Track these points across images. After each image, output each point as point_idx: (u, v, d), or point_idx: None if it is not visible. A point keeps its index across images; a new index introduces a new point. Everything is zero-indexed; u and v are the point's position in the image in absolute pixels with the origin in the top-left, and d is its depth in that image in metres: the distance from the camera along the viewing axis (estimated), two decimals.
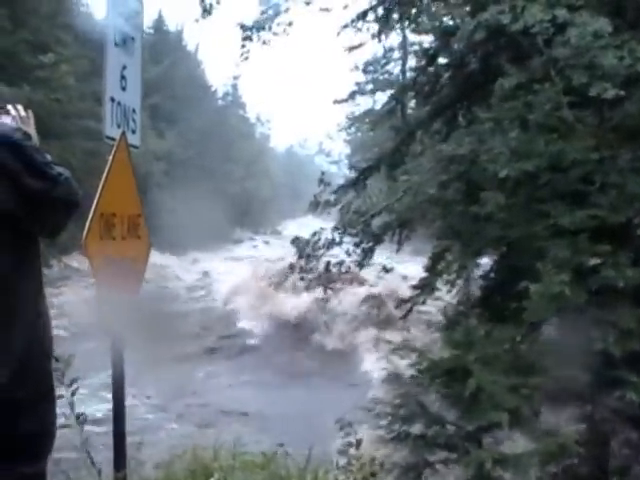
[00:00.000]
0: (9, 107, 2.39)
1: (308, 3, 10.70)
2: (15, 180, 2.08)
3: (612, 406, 5.83)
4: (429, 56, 11.39)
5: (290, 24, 10.72)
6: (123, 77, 3.11)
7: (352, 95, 31.71)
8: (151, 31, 42.58)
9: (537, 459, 5.27)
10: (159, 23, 42.22)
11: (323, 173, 11.00)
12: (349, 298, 19.14)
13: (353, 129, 47.29)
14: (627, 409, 5.80)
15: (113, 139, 2.91)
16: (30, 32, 22.31)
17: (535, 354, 5.71)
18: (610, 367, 5.45)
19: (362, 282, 19.70)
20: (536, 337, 5.89)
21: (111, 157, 2.81)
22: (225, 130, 49.76)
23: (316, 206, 9.66)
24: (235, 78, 62.51)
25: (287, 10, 10.40)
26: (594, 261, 5.50)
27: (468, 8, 8.74)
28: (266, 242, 43.64)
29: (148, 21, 41.16)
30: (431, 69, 11.43)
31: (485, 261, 8.51)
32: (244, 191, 45.19)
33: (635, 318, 5.44)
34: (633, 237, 5.79)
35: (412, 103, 14.71)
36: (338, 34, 11.52)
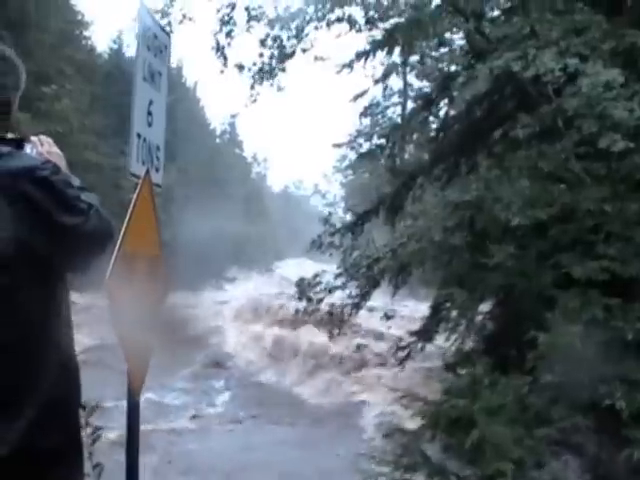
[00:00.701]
0: (33, 138, 2.35)
1: (305, 50, 10.73)
2: (45, 217, 2.03)
3: (617, 461, 5.75)
4: (426, 100, 11.49)
5: (283, 69, 10.74)
6: (150, 113, 3.07)
7: (353, 140, 31.95)
8: None
9: None
10: None
11: (330, 214, 10.98)
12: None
13: (349, 171, 47.52)
14: (631, 464, 5.71)
15: (138, 176, 2.85)
16: (35, 63, 22.39)
17: (540, 405, 5.64)
18: (617, 422, 5.37)
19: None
20: (542, 388, 5.79)
21: (135, 195, 2.75)
22: (222, 168, 49.95)
23: (319, 245, 9.64)
24: (233, 117, 63.10)
25: (283, 60, 10.40)
26: (604, 312, 5.47)
27: (470, 56, 8.82)
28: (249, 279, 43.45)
29: None
30: (432, 115, 11.53)
31: (487, 308, 8.46)
32: (240, 230, 45.22)
33: None
34: None
35: (410, 147, 14.78)
36: (338, 72, 11.46)
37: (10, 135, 2.24)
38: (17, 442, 2.00)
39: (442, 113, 11.97)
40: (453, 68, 10.84)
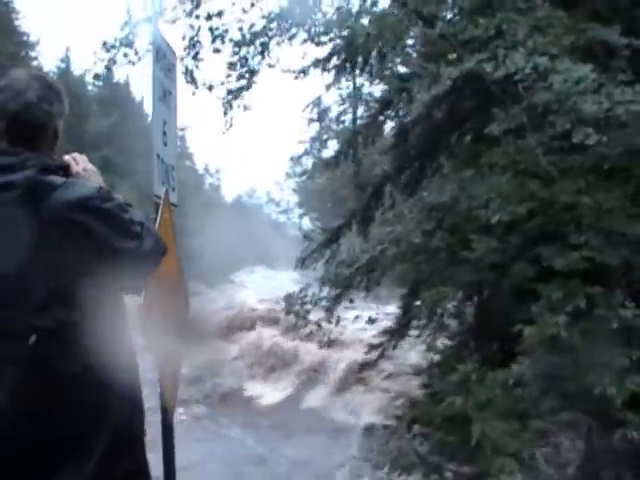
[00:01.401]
0: (67, 157, 2.35)
1: (272, 66, 10.76)
2: (104, 244, 2.06)
3: (608, 446, 5.88)
4: (384, 103, 11.58)
5: (249, 88, 10.76)
6: (164, 133, 3.08)
7: (308, 148, 32.23)
8: (100, 83, 42.37)
9: None
10: (108, 75, 42.05)
11: (312, 231, 11.07)
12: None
13: (303, 178, 47.64)
14: (621, 447, 5.84)
15: (160, 197, 2.86)
16: None
17: (531, 397, 5.73)
18: (608, 408, 5.48)
19: None
20: (531, 380, 5.88)
21: (159, 217, 2.75)
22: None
23: (303, 262, 9.74)
24: (182, 130, 62.67)
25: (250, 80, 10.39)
26: (587, 302, 5.58)
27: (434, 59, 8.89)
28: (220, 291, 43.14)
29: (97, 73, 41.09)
30: (390, 118, 11.60)
31: (463, 305, 8.58)
32: (195, 242, 44.98)
33: (629, 358, 5.49)
34: (621, 277, 5.90)
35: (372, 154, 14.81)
36: (296, 77, 11.47)
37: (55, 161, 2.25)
38: (90, 472, 2.01)
39: (400, 117, 12.06)
40: (409, 70, 10.90)
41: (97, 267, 2.06)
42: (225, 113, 10.34)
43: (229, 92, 10.05)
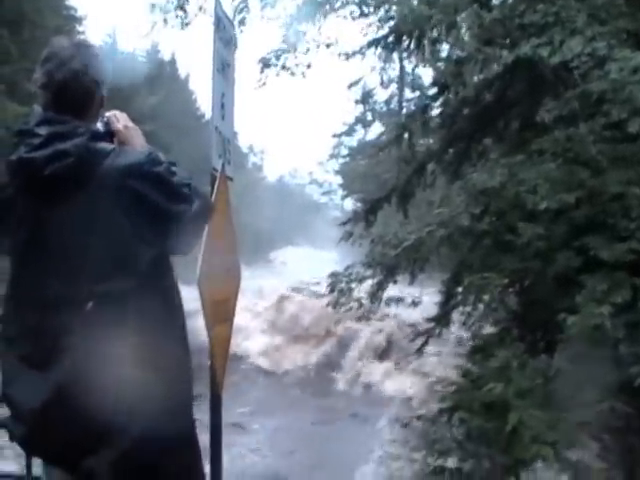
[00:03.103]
0: (107, 114, 2.32)
1: (329, 45, 10.77)
2: (156, 209, 2.07)
3: None
4: (441, 86, 11.53)
5: (309, 66, 10.80)
6: (222, 105, 3.06)
7: (352, 127, 32.09)
8: (145, 60, 42.65)
9: None
10: (154, 52, 42.30)
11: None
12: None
13: (347, 159, 47.58)
14: None
15: (217, 170, 2.87)
16: (31, 61, 22.24)
17: (570, 387, 5.68)
18: None
19: None
20: (571, 370, 5.83)
21: (215, 191, 2.76)
22: None
23: (349, 237, 9.76)
24: None
25: (307, 51, 10.40)
26: (632, 294, 5.51)
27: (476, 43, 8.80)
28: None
29: (143, 50, 41.45)
30: (445, 101, 11.55)
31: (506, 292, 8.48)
32: (236, 222, 45.17)
33: None
34: None
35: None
36: (348, 58, 11.42)
37: (99, 125, 2.26)
38: (131, 444, 2.04)
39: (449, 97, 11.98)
40: (462, 54, 10.83)
41: (150, 231, 2.07)
42: (262, 71, 10.31)
43: (271, 52, 10.03)
